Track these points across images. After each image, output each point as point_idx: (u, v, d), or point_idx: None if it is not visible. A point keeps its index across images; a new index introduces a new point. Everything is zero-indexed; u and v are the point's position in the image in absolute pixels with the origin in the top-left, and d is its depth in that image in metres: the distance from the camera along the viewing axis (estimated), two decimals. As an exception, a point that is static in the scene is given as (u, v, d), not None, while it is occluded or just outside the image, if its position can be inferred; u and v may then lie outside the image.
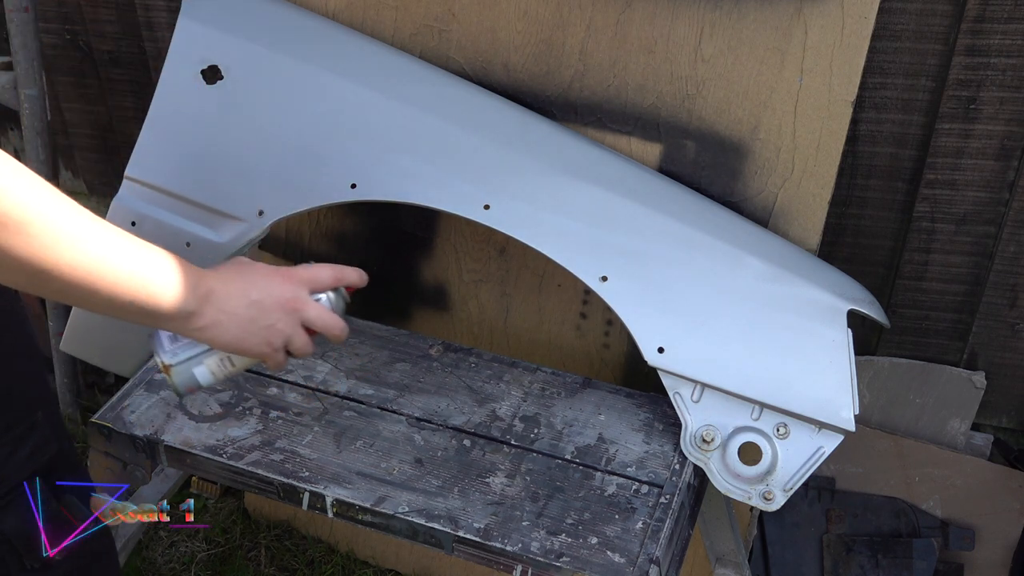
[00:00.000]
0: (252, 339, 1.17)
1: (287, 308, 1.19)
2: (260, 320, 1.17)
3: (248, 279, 1.18)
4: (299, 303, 1.20)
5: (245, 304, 1.16)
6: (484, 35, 1.78)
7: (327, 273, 1.25)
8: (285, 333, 1.19)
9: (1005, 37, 1.82)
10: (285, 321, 1.19)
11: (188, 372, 1.23)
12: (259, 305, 1.17)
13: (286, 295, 1.19)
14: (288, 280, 1.20)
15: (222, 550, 2.27)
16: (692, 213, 1.67)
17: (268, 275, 1.20)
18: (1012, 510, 2.14)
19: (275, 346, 1.19)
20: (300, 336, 1.21)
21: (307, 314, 1.21)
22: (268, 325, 1.17)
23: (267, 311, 1.17)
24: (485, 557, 1.44)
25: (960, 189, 1.98)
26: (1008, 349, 2.14)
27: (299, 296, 1.20)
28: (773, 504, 1.53)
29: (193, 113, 1.76)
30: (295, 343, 1.21)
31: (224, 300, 1.15)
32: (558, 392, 1.68)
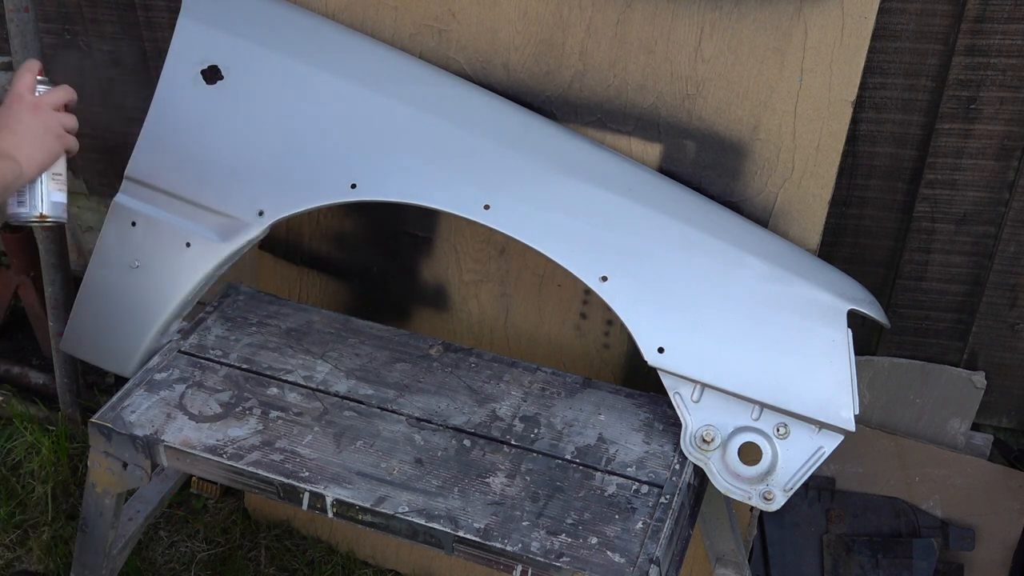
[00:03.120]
0: (50, 144, 1.54)
1: (36, 112, 1.53)
2: (37, 132, 1.52)
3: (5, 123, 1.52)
4: (40, 103, 1.54)
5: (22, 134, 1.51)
6: (484, 35, 1.78)
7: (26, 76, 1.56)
8: (55, 123, 1.54)
9: (1005, 37, 1.82)
10: (46, 118, 1.54)
11: (51, 203, 1.57)
12: (26, 127, 1.52)
13: (26, 105, 1.53)
14: (16, 99, 1.54)
15: (222, 550, 2.27)
16: (692, 213, 1.67)
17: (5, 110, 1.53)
18: (1012, 510, 2.14)
19: (61, 134, 1.55)
20: (65, 116, 1.56)
21: (48, 101, 1.55)
22: (45, 130, 1.53)
23: (31, 125, 1.52)
24: (485, 557, 1.44)
25: (960, 189, 1.98)
26: (1008, 349, 2.14)
27: (33, 100, 1.54)
28: (773, 504, 1.53)
29: (193, 113, 1.76)
30: (66, 122, 1.56)
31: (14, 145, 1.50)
32: (558, 392, 1.68)
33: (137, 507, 1.91)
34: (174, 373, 1.67)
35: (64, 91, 1.59)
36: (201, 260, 1.74)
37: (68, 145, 1.58)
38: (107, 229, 1.78)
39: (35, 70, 1.58)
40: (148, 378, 1.66)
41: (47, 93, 1.57)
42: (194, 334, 1.75)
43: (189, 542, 2.29)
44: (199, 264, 1.73)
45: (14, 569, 2.20)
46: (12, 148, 1.50)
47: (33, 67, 1.59)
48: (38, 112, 1.54)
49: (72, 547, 2.16)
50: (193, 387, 1.65)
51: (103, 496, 1.67)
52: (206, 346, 1.73)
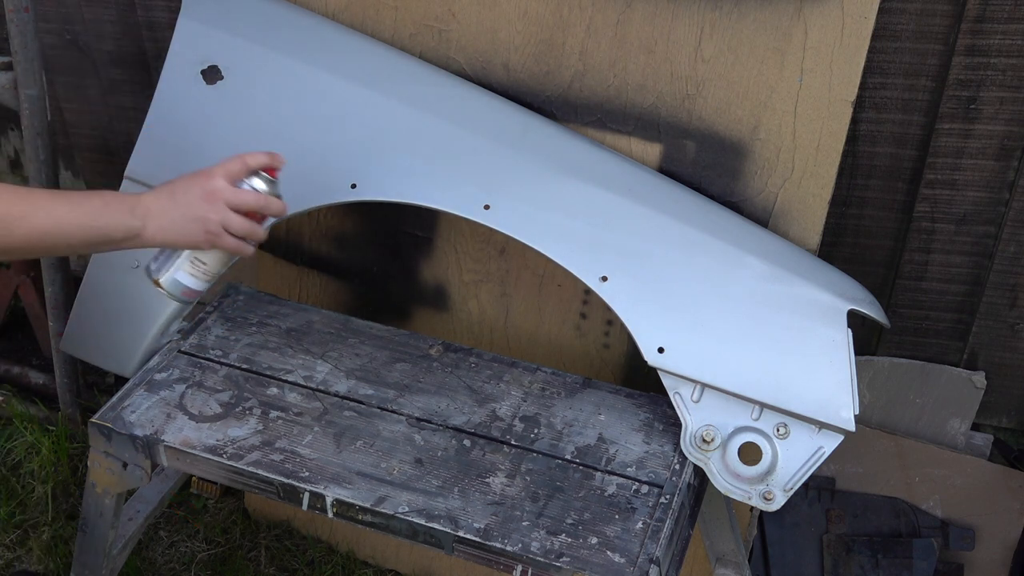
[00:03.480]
0: (192, 231, 1.43)
1: (208, 198, 1.43)
2: (189, 214, 1.42)
3: (173, 187, 1.44)
4: (217, 191, 1.43)
5: (173, 206, 1.42)
6: (484, 35, 1.78)
7: (236, 162, 1.46)
8: (215, 219, 1.43)
9: (1005, 37, 1.82)
10: (211, 209, 1.43)
11: (172, 279, 1.52)
12: (185, 203, 1.42)
13: (205, 188, 1.43)
14: (204, 176, 1.44)
15: (222, 550, 2.27)
16: (692, 213, 1.67)
17: (189, 179, 1.44)
18: (1012, 510, 2.14)
19: (213, 231, 1.44)
20: (232, 218, 1.44)
21: (227, 197, 1.44)
22: (199, 216, 1.42)
23: (192, 206, 1.42)
24: (485, 557, 1.44)
25: (960, 189, 1.98)
26: (1008, 349, 2.14)
27: (216, 186, 1.43)
28: (773, 504, 1.53)
29: (193, 113, 1.76)
30: (231, 225, 1.44)
31: (158, 210, 1.42)
32: (558, 392, 1.68)
33: (137, 507, 1.90)
34: (174, 373, 1.67)
35: (263, 200, 1.46)
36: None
37: (220, 244, 1.45)
38: (107, 229, 1.78)
39: (255, 164, 1.46)
40: (148, 378, 1.66)
41: (240, 191, 1.44)
42: (194, 334, 1.75)
43: (189, 542, 2.29)
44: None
45: (14, 569, 2.20)
46: (153, 211, 1.41)
47: (256, 160, 1.46)
48: (209, 200, 1.42)
49: (72, 547, 2.16)
50: (193, 387, 1.65)
51: (103, 496, 1.67)
52: (206, 346, 1.73)
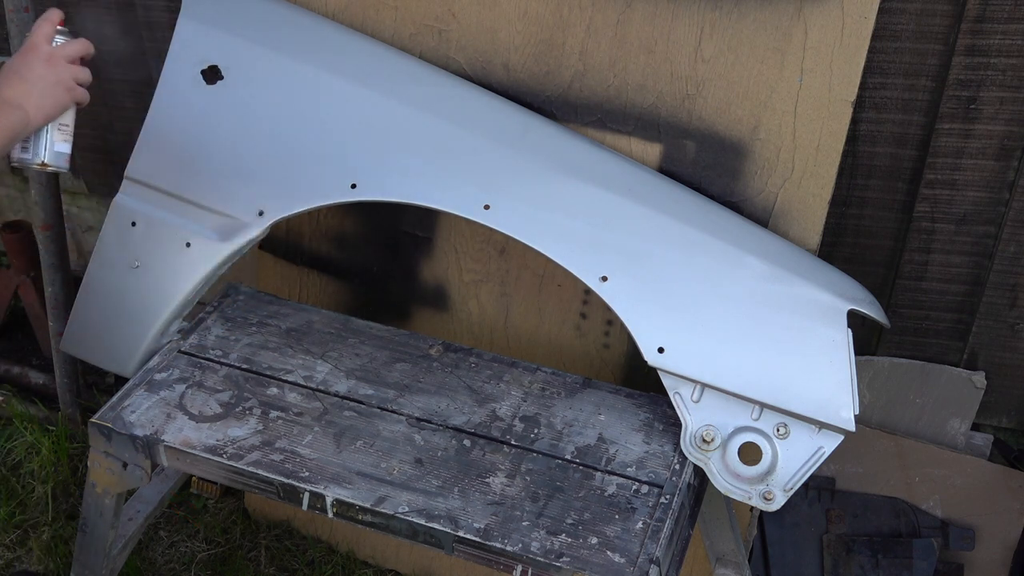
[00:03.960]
0: (58, 95, 1.52)
1: (50, 62, 1.52)
2: (48, 82, 1.52)
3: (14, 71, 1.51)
4: (53, 54, 1.53)
5: (31, 85, 1.50)
6: (484, 35, 1.78)
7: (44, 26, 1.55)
8: (67, 75, 1.53)
9: (1005, 37, 1.82)
10: (58, 70, 1.53)
11: (54, 152, 1.57)
12: (37, 76, 1.51)
13: (41, 57, 1.52)
14: (32, 50, 1.53)
15: (222, 550, 2.27)
16: (692, 213, 1.67)
17: (21, 58, 1.53)
18: (1012, 510, 2.14)
19: (71, 87, 1.54)
20: (77, 69, 1.55)
21: (63, 53, 1.53)
22: (55, 80, 1.52)
23: (44, 76, 1.52)
24: (485, 557, 1.44)
25: (960, 189, 1.98)
26: (1008, 349, 2.14)
27: (49, 50, 1.53)
28: (773, 504, 1.53)
29: (193, 113, 1.76)
30: (79, 75, 1.55)
31: (22, 94, 1.50)
32: (558, 392, 1.68)
33: (137, 507, 1.90)
34: (174, 373, 1.67)
35: (81, 44, 1.57)
36: (201, 260, 1.74)
37: (78, 98, 1.57)
38: (107, 229, 1.78)
39: (55, 20, 1.56)
40: (148, 378, 1.66)
41: (64, 44, 1.55)
42: (194, 334, 1.75)
43: (189, 542, 2.29)
44: (199, 264, 1.73)
45: (14, 569, 2.20)
46: (21, 97, 1.49)
47: (53, 17, 1.57)
48: (52, 63, 1.53)
49: (72, 547, 2.16)
50: (193, 387, 1.65)
51: (103, 496, 1.67)
52: (206, 346, 1.73)
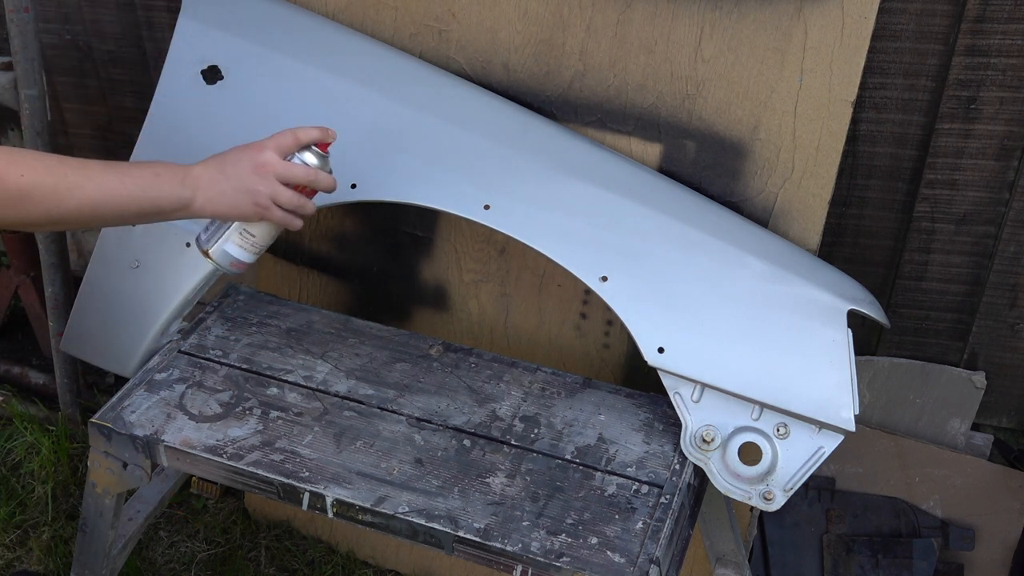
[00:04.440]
0: (241, 202, 1.43)
1: (258, 171, 1.43)
2: (240, 186, 1.42)
3: (224, 159, 1.44)
4: (268, 164, 1.43)
5: (224, 178, 1.42)
6: (484, 35, 1.78)
7: (288, 136, 1.46)
8: (265, 192, 1.43)
9: (1005, 37, 1.82)
10: (262, 181, 1.43)
11: (221, 250, 1.52)
12: (235, 175, 1.42)
13: (255, 161, 1.43)
14: (255, 149, 1.44)
15: (222, 550, 2.27)
16: (692, 213, 1.67)
17: (239, 151, 1.44)
18: (1012, 510, 2.14)
19: (263, 204, 1.44)
20: (282, 191, 1.44)
21: (277, 170, 1.43)
22: (249, 188, 1.42)
23: (242, 178, 1.42)
24: (485, 557, 1.44)
25: (960, 189, 1.98)
26: (1008, 349, 2.14)
27: (266, 158, 1.43)
28: (773, 504, 1.53)
29: (193, 113, 1.76)
30: (280, 198, 1.44)
31: (208, 181, 1.42)
32: (558, 392, 1.68)
33: (137, 507, 1.91)
34: (174, 373, 1.67)
35: (313, 174, 1.46)
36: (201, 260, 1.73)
37: (269, 217, 1.45)
38: (107, 229, 1.78)
39: (313, 137, 1.46)
40: (148, 378, 1.66)
41: (293, 165, 1.45)
42: (194, 334, 1.75)
43: (189, 542, 2.29)
44: (199, 264, 1.73)
45: (14, 569, 2.20)
46: (203, 182, 1.41)
47: (310, 134, 1.46)
48: (259, 173, 1.42)
49: (72, 547, 2.16)
50: (193, 387, 1.65)
51: (103, 496, 1.67)
52: (206, 346, 1.73)
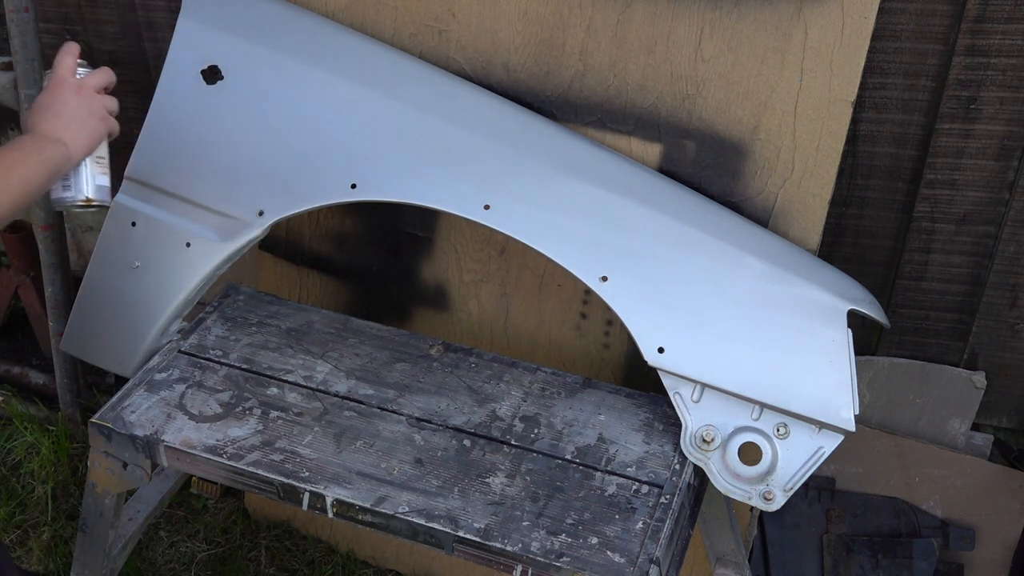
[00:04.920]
0: (94, 126, 1.52)
1: (80, 93, 1.52)
2: (82, 114, 1.51)
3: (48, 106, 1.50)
4: (82, 85, 1.53)
5: (66, 118, 1.49)
6: (484, 35, 1.78)
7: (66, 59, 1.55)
8: (98, 105, 1.54)
9: (1005, 37, 1.82)
10: (89, 99, 1.52)
11: (96, 187, 1.56)
12: (71, 109, 1.50)
13: (71, 89, 1.51)
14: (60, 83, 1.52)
15: (222, 550, 2.27)
16: (692, 213, 1.67)
17: (51, 93, 1.52)
18: (1012, 510, 2.14)
19: (103, 115, 1.54)
20: (107, 98, 1.56)
21: (90, 83, 1.54)
22: (88, 110, 1.52)
23: (77, 107, 1.51)
24: (485, 557, 1.44)
25: (960, 189, 1.98)
26: (1008, 349, 2.14)
27: (76, 81, 1.53)
28: (773, 504, 1.53)
29: (193, 113, 1.76)
30: (108, 105, 1.56)
31: (60, 127, 1.48)
32: (558, 392, 1.68)
33: (137, 507, 1.91)
34: (174, 373, 1.67)
35: (104, 73, 1.57)
36: (201, 260, 1.74)
37: (111, 127, 1.57)
38: (107, 229, 1.78)
39: (75, 52, 1.56)
40: (148, 378, 1.66)
41: (89, 75, 1.55)
42: (194, 334, 1.75)
43: (189, 542, 2.29)
44: (199, 264, 1.73)
45: (14, 569, 2.20)
46: (60, 131, 1.47)
47: (73, 50, 1.56)
48: (82, 94, 1.52)
49: (72, 547, 2.16)
50: (193, 387, 1.65)
51: (103, 496, 1.67)
52: (206, 346, 1.73)
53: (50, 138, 1.46)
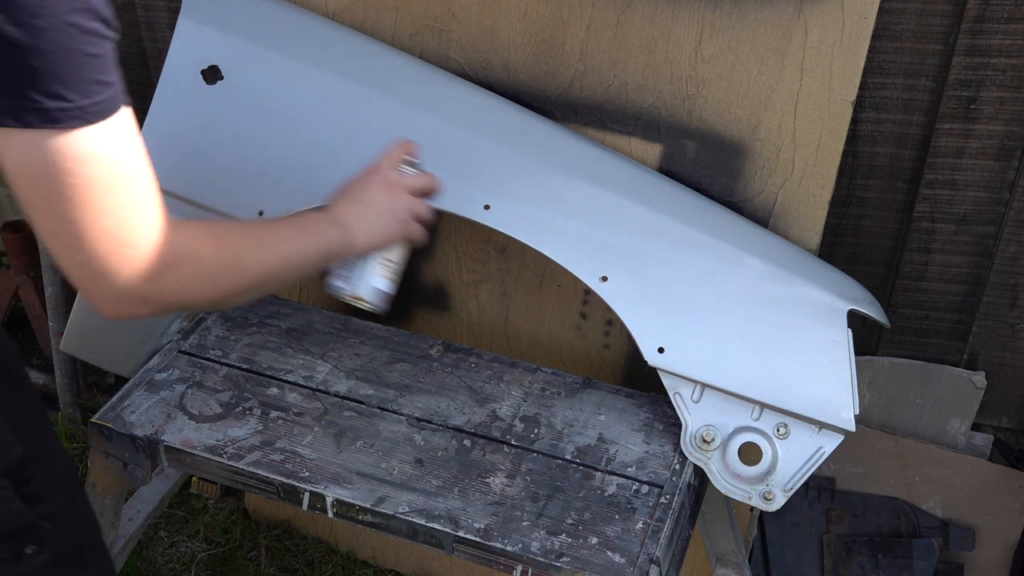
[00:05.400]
0: (389, 226, 1.44)
1: (390, 188, 1.45)
2: (381, 208, 1.43)
3: (352, 190, 1.45)
4: (394, 180, 1.45)
5: (364, 207, 1.42)
6: (484, 35, 1.78)
7: (393, 152, 1.49)
8: (403, 205, 1.46)
9: (1005, 37, 1.82)
10: (397, 198, 1.45)
11: (371, 287, 1.50)
12: (372, 200, 1.43)
13: (383, 180, 1.45)
14: (375, 171, 1.46)
15: (222, 550, 2.27)
16: (692, 213, 1.67)
17: (362, 179, 1.46)
18: (1012, 510, 2.14)
19: (404, 219, 1.46)
20: (417, 201, 1.46)
21: (404, 182, 1.46)
22: (389, 208, 1.44)
23: (380, 200, 1.44)
24: (485, 557, 1.44)
25: (960, 189, 1.98)
26: (1008, 349, 2.14)
27: (391, 176, 1.45)
28: (773, 504, 1.53)
29: (193, 113, 1.76)
30: (416, 208, 1.46)
31: (353, 215, 1.42)
32: (558, 392, 1.68)
33: (137, 507, 1.91)
34: (174, 373, 1.68)
35: (426, 179, 1.51)
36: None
37: (411, 234, 1.48)
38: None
39: (408, 150, 1.51)
40: (148, 378, 1.66)
41: (409, 175, 1.49)
42: (194, 334, 1.75)
43: (189, 542, 2.29)
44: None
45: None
46: (349, 217, 1.42)
47: (407, 147, 1.52)
48: (391, 190, 1.45)
49: (72, 547, 2.15)
50: (193, 387, 1.65)
51: (103, 496, 1.67)
52: (206, 346, 1.73)
53: (336, 221, 1.40)
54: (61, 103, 1.00)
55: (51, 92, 0.99)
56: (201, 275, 1.22)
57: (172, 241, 1.16)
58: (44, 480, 1.26)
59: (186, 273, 1.19)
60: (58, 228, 1.07)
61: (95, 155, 1.04)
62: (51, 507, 1.26)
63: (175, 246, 1.17)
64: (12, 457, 1.22)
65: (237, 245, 1.29)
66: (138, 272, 1.12)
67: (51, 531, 1.26)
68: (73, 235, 1.06)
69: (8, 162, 1.03)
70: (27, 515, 1.23)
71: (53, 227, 1.07)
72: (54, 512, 1.26)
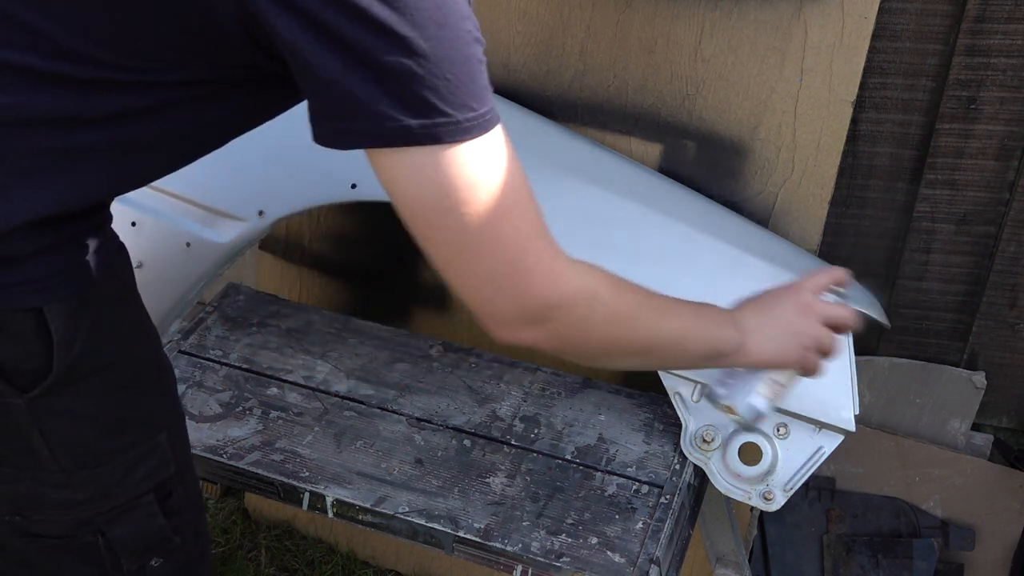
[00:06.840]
0: (787, 348, 1.31)
1: (803, 312, 1.32)
2: (787, 329, 1.31)
3: (763, 302, 1.34)
4: (811, 305, 1.33)
5: (769, 321, 1.31)
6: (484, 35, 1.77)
7: (823, 277, 1.37)
8: (811, 334, 1.32)
9: (1005, 37, 1.82)
10: (808, 324, 1.32)
11: (748, 404, 1.36)
12: (780, 317, 1.32)
13: (799, 302, 1.32)
14: (793, 290, 1.34)
15: (222, 550, 2.27)
16: (692, 213, 1.67)
17: (777, 293, 1.34)
18: (1012, 510, 2.14)
19: (808, 347, 1.32)
20: (826, 333, 1.33)
21: (821, 311, 1.33)
22: (797, 331, 1.31)
23: (788, 320, 1.31)
24: (485, 557, 1.44)
25: (960, 189, 1.98)
26: (1008, 349, 2.14)
27: (809, 300, 1.33)
28: (773, 504, 1.53)
29: (193, 113, 1.76)
30: (824, 341, 1.32)
31: (756, 325, 1.30)
32: (558, 392, 1.68)
33: (137, 507, 1.90)
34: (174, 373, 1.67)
35: (847, 313, 1.37)
36: (201, 260, 1.74)
37: (807, 364, 1.34)
38: (107, 228, 1.78)
39: (837, 279, 1.39)
40: (148, 378, 1.66)
41: (830, 304, 1.36)
42: (194, 334, 1.75)
43: (189, 542, 2.29)
44: (199, 264, 1.73)
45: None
46: (750, 327, 1.30)
47: (837, 275, 1.40)
48: (803, 314, 1.32)
49: (72, 547, 2.15)
50: (193, 387, 1.65)
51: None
52: (206, 346, 1.73)
53: (738, 325, 1.29)
54: (469, 113, 0.97)
55: (462, 103, 0.96)
56: (597, 314, 1.13)
57: (567, 270, 1.11)
58: (182, 495, 1.25)
59: (583, 308, 1.12)
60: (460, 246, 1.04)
61: (495, 161, 1.01)
62: (183, 521, 1.25)
63: (571, 276, 1.11)
64: (166, 474, 1.21)
65: (635, 300, 1.20)
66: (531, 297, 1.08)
67: (178, 544, 1.25)
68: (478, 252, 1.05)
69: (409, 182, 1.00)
70: (165, 530, 1.22)
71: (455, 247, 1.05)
72: (183, 526, 1.25)
